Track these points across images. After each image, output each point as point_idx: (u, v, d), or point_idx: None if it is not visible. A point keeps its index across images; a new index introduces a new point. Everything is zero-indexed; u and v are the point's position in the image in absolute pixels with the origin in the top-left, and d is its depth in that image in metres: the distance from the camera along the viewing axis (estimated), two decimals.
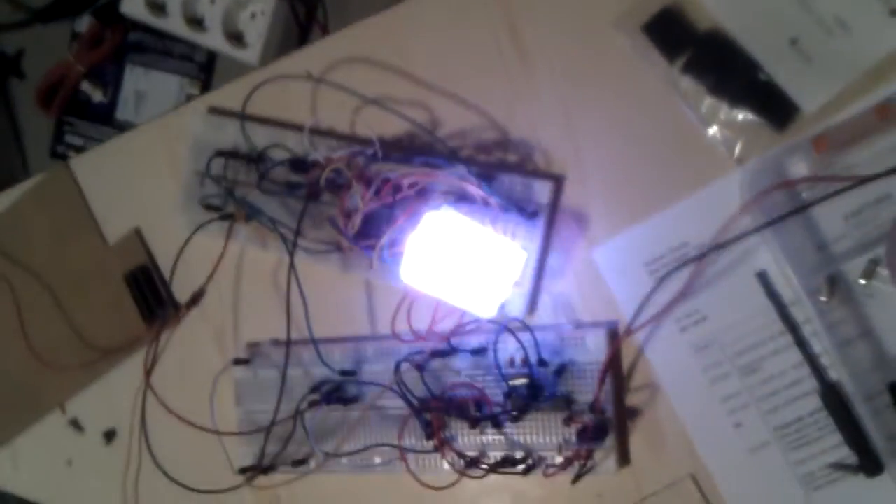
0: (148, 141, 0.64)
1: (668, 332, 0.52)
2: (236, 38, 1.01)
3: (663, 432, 0.52)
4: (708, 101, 0.52)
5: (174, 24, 1.01)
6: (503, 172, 0.54)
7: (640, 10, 0.53)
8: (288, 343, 0.56)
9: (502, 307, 0.53)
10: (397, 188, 0.53)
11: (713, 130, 0.52)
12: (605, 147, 0.54)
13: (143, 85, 1.10)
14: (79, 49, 1.08)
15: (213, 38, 1.00)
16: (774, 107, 0.51)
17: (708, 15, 0.52)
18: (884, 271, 0.48)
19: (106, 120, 1.12)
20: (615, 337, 0.53)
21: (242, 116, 0.58)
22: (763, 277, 0.51)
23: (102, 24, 1.06)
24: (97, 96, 1.14)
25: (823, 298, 0.49)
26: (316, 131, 0.58)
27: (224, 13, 0.99)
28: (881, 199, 0.49)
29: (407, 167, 0.52)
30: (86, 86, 1.14)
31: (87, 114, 1.13)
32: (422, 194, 0.53)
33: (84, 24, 1.10)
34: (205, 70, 1.08)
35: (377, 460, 0.55)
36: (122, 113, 1.11)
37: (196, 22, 1.02)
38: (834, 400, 0.49)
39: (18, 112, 1.16)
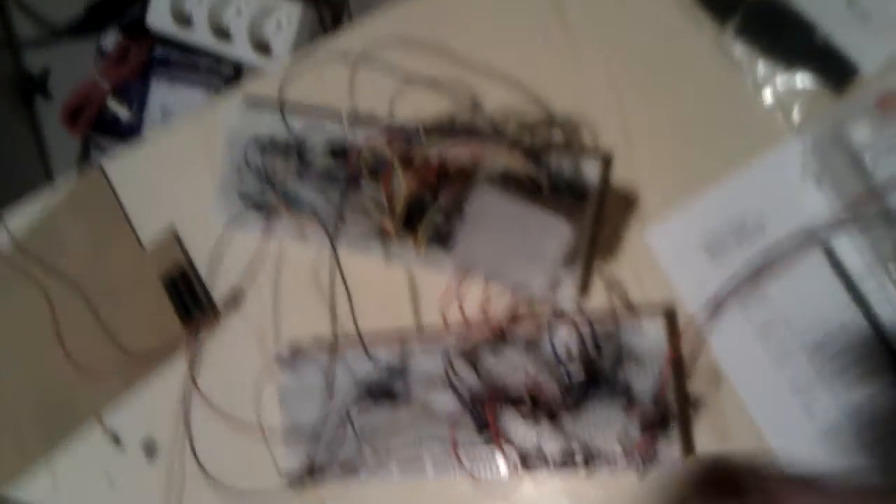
0: (181, 137, 0.63)
1: (728, 312, 0.50)
2: (262, 47, 1.01)
3: (727, 418, 0.49)
4: (762, 66, 0.50)
5: (200, 35, 1.01)
6: (549, 152, 0.52)
7: None
8: (335, 338, 0.54)
9: (554, 291, 0.51)
10: (442, 168, 0.51)
11: (768, 94, 0.50)
12: (655, 119, 0.52)
13: (170, 100, 1.10)
14: (105, 66, 1.08)
15: (239, 49, 1.00)
16: (832, 67, 0.49)
17: None
18: None
19: (133, 137, 1.11)
20: (673, 322, 0.50)
21: (280, 102, 0.57)
22: (828, 251, 0.48)
23: (129, 39, 1.06)
24: (123, 113, 1.13)
25: (893, 268, 0.46)
26: (355, 119, 0.57)
27: (250, 23, 0.99)
28: None
29: (451, 142, 0.50)
30: (112, 103, 1.13)
31: (114, 131, 1.13)
32: (466, 177, 0.51)
33: (110, 40, 1.10)
34: (231, 83, 1.07)
35: (427, 461, 0.52)
36: (149, 129, 1.10)
37: (222, 33, 1.02)
38: None
39: (45, 131, 1.16)
